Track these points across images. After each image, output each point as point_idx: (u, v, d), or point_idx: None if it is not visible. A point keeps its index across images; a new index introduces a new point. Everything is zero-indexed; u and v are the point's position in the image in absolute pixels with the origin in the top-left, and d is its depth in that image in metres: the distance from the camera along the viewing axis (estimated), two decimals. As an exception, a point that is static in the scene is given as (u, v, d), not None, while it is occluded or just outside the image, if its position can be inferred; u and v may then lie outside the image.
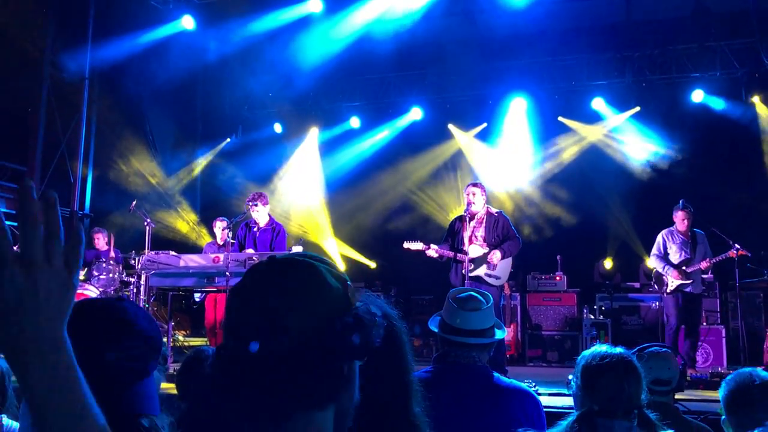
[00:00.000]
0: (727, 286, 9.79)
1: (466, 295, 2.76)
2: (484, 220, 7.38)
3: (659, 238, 8.27)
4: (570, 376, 2.47)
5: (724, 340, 9.18)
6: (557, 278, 10.44)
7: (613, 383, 2.31)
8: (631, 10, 11.93)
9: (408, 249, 7.52)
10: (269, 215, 8.46)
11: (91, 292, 8.53)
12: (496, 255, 7.18)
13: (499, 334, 2.77)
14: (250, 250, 8.00)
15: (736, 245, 7.75)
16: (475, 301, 2.72)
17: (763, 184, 10.83)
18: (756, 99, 11.34)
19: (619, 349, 2.39)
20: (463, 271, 7.15)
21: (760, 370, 2.41)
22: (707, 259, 7.89)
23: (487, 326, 2.71)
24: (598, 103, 12.16)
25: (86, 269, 9.52)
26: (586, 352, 2.44)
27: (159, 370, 2.67)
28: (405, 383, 1.55)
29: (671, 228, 8.24)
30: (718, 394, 2.49)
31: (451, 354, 2.70)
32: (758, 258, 8.31)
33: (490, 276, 7.26)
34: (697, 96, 11.50)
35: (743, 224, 9.31)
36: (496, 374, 2.71)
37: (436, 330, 2.78)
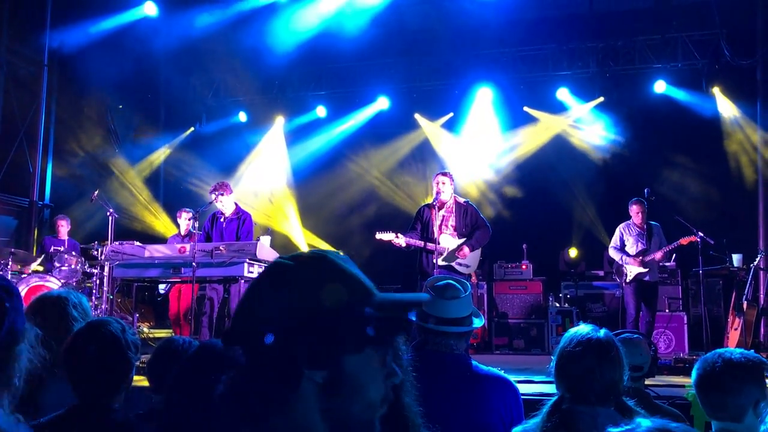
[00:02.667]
0: (689, 273, 9.98)
1: (444, 283, 2.75)
2: (454, 209, 7.38)
3: (617, 232, 8.60)
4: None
5: (685, 326, 9.37)
6: (523, 267, 10.51)
7: (584, 369, 2.27)
8: (594, 1, 12.04)
9: (380, 240, 7.45)
10: (235, 204, 8.35)
11: (53, 283, 8.35)
12: (464, 251, 7.21)
13: (477, 323, 2.76)
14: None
15: (700, 233, 7.89)
16: (454, 289, 2.71)
17: (723, 173, 11.04)
18: (716, 90, 11.53)
19: (602, 332, 2.37)
20: (434, 260, 7.14)
21: (730, 350, 2.43)
22: (662, 249, 8.20)
23: (465, 314, 2.71)
24: (563, 93, 12.27)
25: (42, 257, 9.33)
26: (568, 333, 2.41)
27: (132, 359, 2.62)
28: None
29: (628, 221, 8.55)
30: (691, 377, 2.50)
31: (429, 342, 2.69)
32: (720, 246, 8.46)
33: (460, 264, 7.28)
34: (660, 86, 11.67)
35: (705, 212, 9.50)
36: (474, 362, 2.71)
37: (413, 319, 2.77)
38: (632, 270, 8.27)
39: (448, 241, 7.28)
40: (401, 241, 7.27)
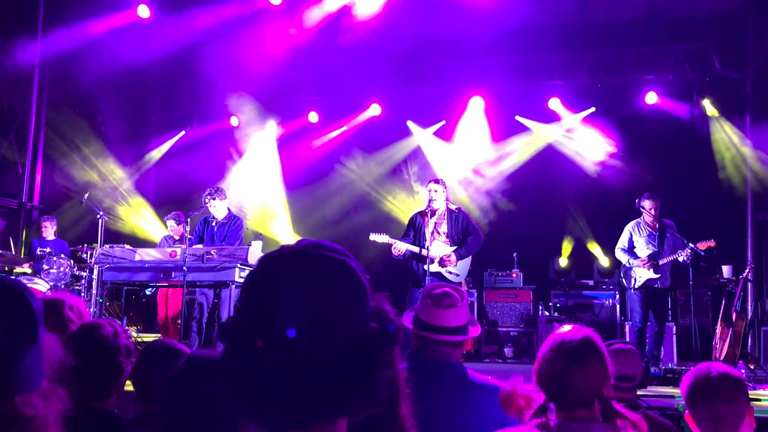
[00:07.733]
0: (677, 284, 10.03)
1: (442, 292, 2.75)
2: (446, 216, 7.42)
3: (625, 232, 8.07)
4: None
5: (674, 336, 9.41)
6: (513, 275, 10.55)
7: (562, 374, 2.17)
8: (587, 11, 12.11)
9: (374, 242, 7.48)
10: (228, 209, 8.35)
11: (41, 286, 8.28)
12: (452, 258, 7.24)
13: (473, 331, 2.77)
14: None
15: (690, 244, 7.86)
16: (451, 298, 2.72)
17: (713, 185, 11.11)
18: (706, 102, 11.60)
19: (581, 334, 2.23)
20: (425, 266, 7.16)
21: (718, 364, 2.47)
22: (676, 254, 7.66)
23: (462, 323, 2.71)
24: (555, 103, 12.31)
25: (30, 260, 9.26)
26: (551, 337, 2.28)
27: (123, 363, 2.60)
28: (395, 382, 1.52)
29: (638, 220, 8.05)
30: (679, 389, 2.52)
31: (425, 350, 2.70)
32: (710, 257, 8.49)
33: (450, 272, 7.30)
34: (650, 98, 11.73)
35: (694, 224, 9.53)
36: (470, 371, 2.71)
37: (410, 327, 2.77)
38: (642, 275, 7.75)
39: (440, 248, 7.31)
40: (401, 246, 7.27)
